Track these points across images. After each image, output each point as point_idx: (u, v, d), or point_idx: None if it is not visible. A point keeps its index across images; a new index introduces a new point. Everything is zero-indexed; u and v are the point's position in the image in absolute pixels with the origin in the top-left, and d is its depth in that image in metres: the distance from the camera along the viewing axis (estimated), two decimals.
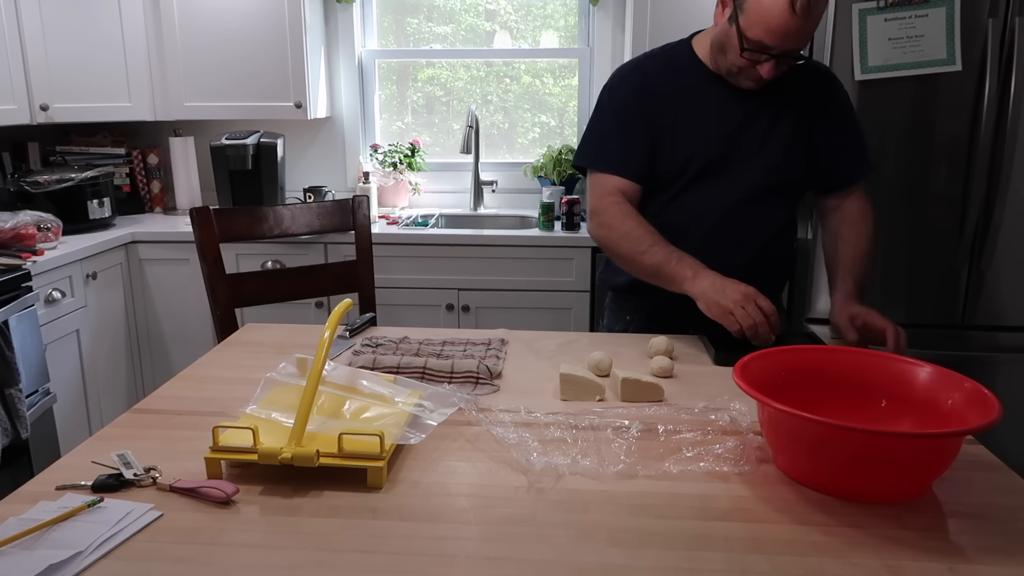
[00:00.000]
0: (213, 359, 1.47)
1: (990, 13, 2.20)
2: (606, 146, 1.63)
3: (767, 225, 1.63)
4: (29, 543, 0.84)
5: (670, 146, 1.59)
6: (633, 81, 1.63)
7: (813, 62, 1.64)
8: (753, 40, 1.42)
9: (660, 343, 1.44)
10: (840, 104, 1.64)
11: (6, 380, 2.11)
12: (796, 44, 1.42)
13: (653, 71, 1.62)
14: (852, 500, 0.95)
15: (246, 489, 0.97)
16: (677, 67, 1.61)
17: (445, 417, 1.13)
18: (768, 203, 1.61)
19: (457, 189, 3.34)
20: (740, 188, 1.58)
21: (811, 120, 1.60)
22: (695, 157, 1.58)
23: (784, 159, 1.59)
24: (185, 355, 2.90)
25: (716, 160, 1.58)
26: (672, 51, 1.65)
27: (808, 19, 1.38)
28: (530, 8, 3.30)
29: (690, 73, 1.60)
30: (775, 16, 1.37)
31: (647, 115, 1.59)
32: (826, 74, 1.65)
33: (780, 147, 1.59)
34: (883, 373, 1.11)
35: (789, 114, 1.59)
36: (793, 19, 1.37)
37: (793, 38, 1.40)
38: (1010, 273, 2.37)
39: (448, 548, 0.85)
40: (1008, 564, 0.83)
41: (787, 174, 1.61)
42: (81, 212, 2.80)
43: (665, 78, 1.61)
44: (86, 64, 2.84)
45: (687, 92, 1.59)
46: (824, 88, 1.62)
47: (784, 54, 1.44)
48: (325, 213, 2.03)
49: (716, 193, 1.59)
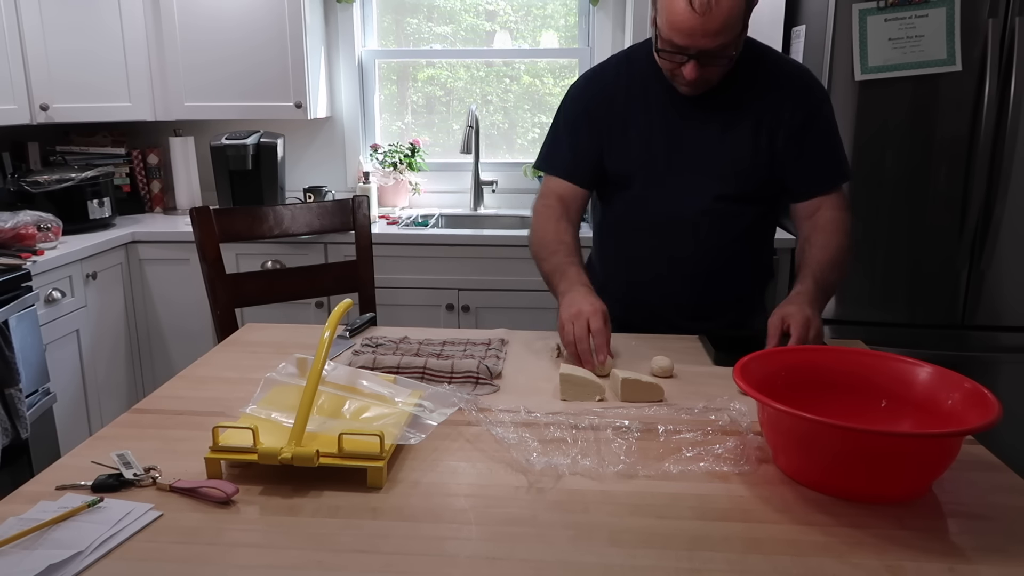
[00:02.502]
0: (213, 359, 1.47)
1: (990, 13, 2.20)
2: (554, 150, 1.67)
3: (728, 230, 1.59)
4: (29, 543, 0.84)
5: (618, 148, 1.59)
6: (588, 86, 1.64)
7: (789, 64, 1.59)
8: (665, 40, 1.41)
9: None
10: (812, 109, 1.55)
11: (6, 380, 2.11)
12: (709, 43, 1.38)
13: (608, 75, 1.62)
14: (852, 500, 0.95)
15: (246, 489, 0.97)
16: (632, 69, 1.60)
17: (445, 417, 1.13)
18: (727, 211, 1.57)
19: (457, 189, 3.34)
20: (694, 196, 1.56)
21: (773, 127, 1.54)
22: (641, 160, 1.57)
23: (740, 166, 1.55)
24: (185, 355, 2.90)
25: (663, 165, 1.56)
26: (635, 51, 1.64)
27: (709, 16, 1.34)
28: (530, 8, 3.30)
29: (643, 75, 1.58)
30: (677, 14, 1.36)
31: (596, 119, 1.59)
32: (801, 77, 1.57)
33: (736, 154, 1.54)
34: (883, 373, 1.11)
35: (745, 119, 1.53)
36: (693, 16, 1.34)
37: (699, 36, 1.37)
38: (1010, 273, 2.37)
39: (448, 548, 0.85)
40: (1008, 564, 0.83)
41: (744, 182, 1.56)
42: (81, 212, 2.80)
43: (619, 81, 1.60)
44: (86, 63, 2.84)
45: (637, 95, 1.58)
46: (794, 92, 1.55)
47: (701, 53, 1.40)
48: (325, 213, 2.03)
49: (670, 199, 1.57)
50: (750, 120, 1.54)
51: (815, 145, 1.57)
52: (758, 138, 1.54)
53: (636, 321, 1.64)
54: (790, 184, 1.60)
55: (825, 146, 1.59)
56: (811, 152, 1.57)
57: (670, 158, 1.56)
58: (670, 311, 1.65)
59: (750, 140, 1.54)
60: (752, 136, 1.54)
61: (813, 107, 1.56)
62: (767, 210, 1.64)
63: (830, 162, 1.59)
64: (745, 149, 1.54)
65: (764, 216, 1.65)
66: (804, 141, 1.55)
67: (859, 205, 2.37)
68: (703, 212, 1.56)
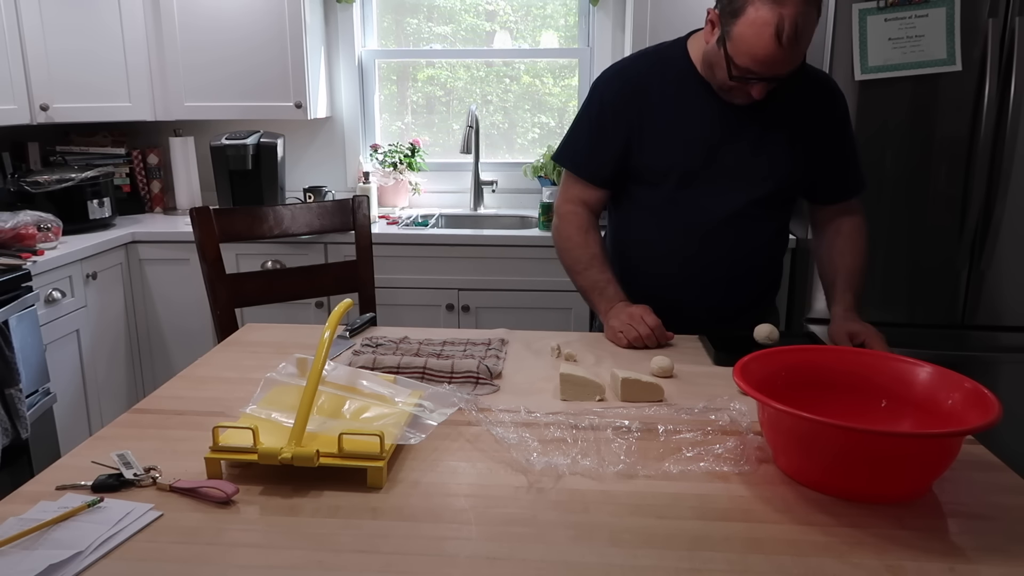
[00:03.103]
0: (213, 359, 1.47)
1: (990, 13, 2.20)
2: (578, 148, 1.67)
3: (756, 237, 1.60)
4: (29, 543, 0.84)
5: (651, 148, 1.57)
6: (618, 81, 1.61)
7: (814, 71, 1.60)
8: (741, 67, 1.40)
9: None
10: (839, 117, 1.60)
11: (6, 380, 2.11)
12: (785, 70, 1.40)
13: (643, 71, 1.60)
14: (852, 500, 0.95)
15: (246, 489, 0.97)
16: (668, 68, 1.58)
17: (445, 417, 1.13)
18: (758, 215, 1.58)
19: (457, 189, 3.34)
20: (729, 200, 1.56)
21: (808, 132, 1.56)
22: (677, 162, 1.56)
23: (776, 173, 1.55)
24: (185, 355, 2.90)
25: (700, 168, 1.55)
26: (666, 51, 1.61)
27: (795, 48, 1.35)
28: (530, 8, 3.30)
29: (681, 76, 1.56)
30: (761, 48, 1.35)
31: (625, 119, 1.57)
32: (827, 84, 1.60)
33: (772, 160, 1.55)
34: (883, 373, 1.11)
35: (783, 125, 1.54)
36: (779, 50, 1.34)
37: (781, 66, 1.38)
38: (1010, 273, 2.37)
39: (448, 548, 0.85)
40: (1008, 564, 0.83)
41: (778, 187, 1.57)
42: (81, 212, 2.80)
43: (652, 79, 1.58)
44: (86, 63, 2.84)
45: (675, 95, 1.56)
46: (823, 100, 1.58)
47: (774, 78, 1.41)
48: (325, 213, 2.03)
49: (703, 203, 1.56)
50: (786, 128, 1.55)
51: (842, 151, 1.61)
52: (795, 144, 1.55)
53: None
54: (818, 189, 1.64)
55: (850, 152, 1.63)
56: (839, 158, 1.61)
57: (707, 163, 1.55)
58: (687, 312, 1.62)
59: (787, 149, 1.55)
60: (789, 141, 1.55)
61: (840, 114, 1.60)
62: (789, 216, 1.67)
63: (855, 168, 1.64)
64: (782, 158, 1.55)
65: (786, 223, 1.67)
66: (833, 147, 1.59)
67: (863, 208, 2.37)
68: (736, 215, 1.56)
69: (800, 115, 1.55)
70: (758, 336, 1.43)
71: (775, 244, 1.67)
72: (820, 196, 1.66)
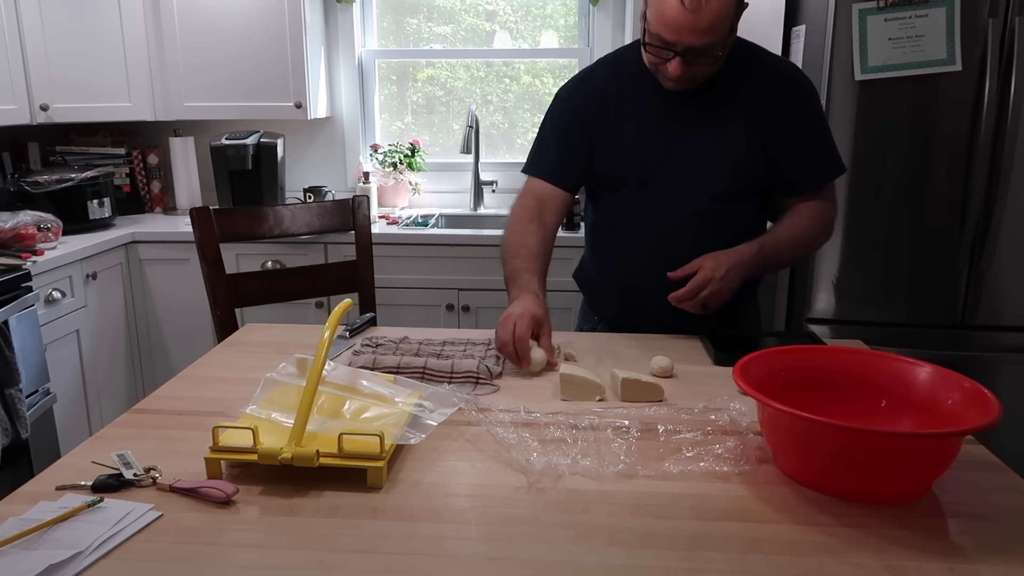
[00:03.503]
0: (213, 359, 1.47)
1: (990, 13, 2.20)
2: (541, 154, 1.67)
3: (721, 232, 1.57)
4: (29, 543, 0.84)
5: (610, 152, 1.58)
6: (577, 89, 1.64)
7: (774, 60, 1.58)
8: (654, 34, 1.41)
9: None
10: (801, 107, 1.55)
11: (6, 380, 2.11)
12: (696, 39, 1.37)
13: (598, 78, 1.62)
14: (852, 500, 0.95)
15: (246, 489, 0.97)
16: (622, 71, 1.59)
17: (445, 417, 1.13)
18: (721, 211, 1.56)
19: (457, 189, 3.34)
20: (688, 197, 1.55)
21: (766, 125, 1.53)
22: (634, 163, 1.56)
23: (734, 167, 1.54)
24: (185, 355, 2.90)
25: (656, 167, 1.55)
26: (623, 54, 1.63)
27: (699, 14, 1.34)
28: (530, 8, 3.30)
29: (634, 77, 1.56)
30: (668, 9, 1.36)
31: (584, 126, 1.59)
32: (785, 73, 1.57)
33: (730, 154, 1.53)
34: (883, 373, 1.11)
35: (738, 118, 1.53)
36: (683, 12, 1.34)
37: (688, 32, 1.36)
38: (1010, 273, 2.37)
39: (448, 548, 0.85)
40: (1008, 564, 0.83)
41: (738, 180, 1.55)
42: (81, 212, 2.80)
43: (608, 85, 1.59)
44: (86, 63, 2.84)
45: (627, 97, 1.56)
46: (780, 89, 1.55)
47: (688, 50, 1.40)
48: (325, 213, 2.03)
49: (664, 202, 1.56)
50: (742, 119, 1.53)
51: (808, 142, 1.57)
52: (751, 137, 1.53)
53: (630, 321, 1.64)
54: (785, 182, 1.60)
55: (817, 142, 1.59)
56: (805, 149, 1.57)
57: (664, 158, 1.55)
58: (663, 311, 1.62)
59: (743, 139, 1.53)
60: (745, 135, 1.53)
61: (804, 104, 1.56)
62: (759, 208, 1.64)
63: (823, 158, 1.60)
64: (739, 148, 1.54)
65: (756, 214, 1.64)
66: (797, 139, 1.55)
67: (859, 205, 2.37)
68: (698, 212, 1.56)
69: (755, 106, 1.53)
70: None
71: (745, 237, 1.61)
72: (787, 187, 1.62)
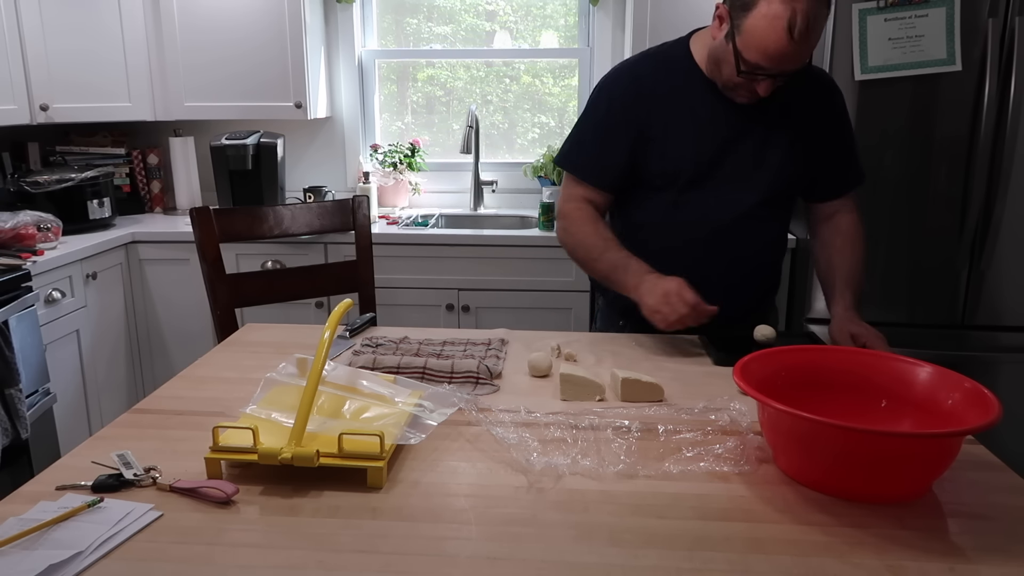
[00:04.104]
0: (213, 359, 1.47)
1: (990, 13, 2.20)
2: (583, 151, 1.63)
3: (761, 237, 1.60)
4: (29, 543, 0.84)
5: (660, 150, 1.55)
6: (624, 83, 1.59)
7: (815, 69, 1.59)
8: (750, 63, 1.39)
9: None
10: (838, 112, 1.60)
11: (6, 380, 2.11)
12: (794, 66, 1.39)
13: (647, 72, 1.58)
14: (852, 500, 0.95)
15: (246, 489, 0.97)
16: (672, 69, 1.57)
17: (445, 417, 1.13)
18: (763, 216, 1.57)
19: (457, 189, 3.34)
20: (735, 201, 1.55)
21: (809, 130, 1.56)
22: (685, 164, 1.55)
23: (780, 172, 1.55)
24: (185, 355, 2.90)
25: (707, 169, 1.54)
26: (669, 51, 1.60)
27: (806, 43, 1.35)
28: (530, 8, 3.30)
29: (685, 76, 1.55)
30: (773, 42, 1.34)
31: (634, 120, 1.56)
32: (824, 81, 1.60)
33: (777, 159, 1.55)
34: (883, 373, 1.11)
35: (786, 124, 1.54)
36: (791, 45, 1.34)
37: (791, 61, 1.37)
38: (1010, 273, 2.37)
39: (448, 548, 0.85)
40: (1008, 564, 0.83)
41: (784, 187, 1.57)
42: (81, 212, 2.80)
43: (658, 80, 1.56)
44: (86, 63, 2.84)
45: (680, 96, 1.55)
46: (823, 96, 1.58)
47: (782, 74, 1.41)
48: (325, 213, 2.03)
49: (711, 204, 1.55)
50: (788, 126, 1.55)
51: (840, 146, 1.61)
52: (796, 143, 1.55)
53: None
54: (817, 186, 1.63)
55: (848, 147, 1.63)
56: (837, 154, 1.61)
57: (716, 161, 1.54)
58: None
59: (789, 145, 1.55)
60: (791, 141, 1.55)
61: (838, 109, 1.60)
62: (791, 213, 1.66)
63: (852, 163, 1.64)
64: (785, 153, 1.55)
65: (787, 220, 1.67)
66: (831, 143, 1.59)
67: (859, 205, 2.37)
68: (744, 215, 1.56)
69: (800, 112, 1.55)
70: (757, 336, 1.45)
71: (777, 244, 1.67)
72: (819, 192, 1.66)
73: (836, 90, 1.61)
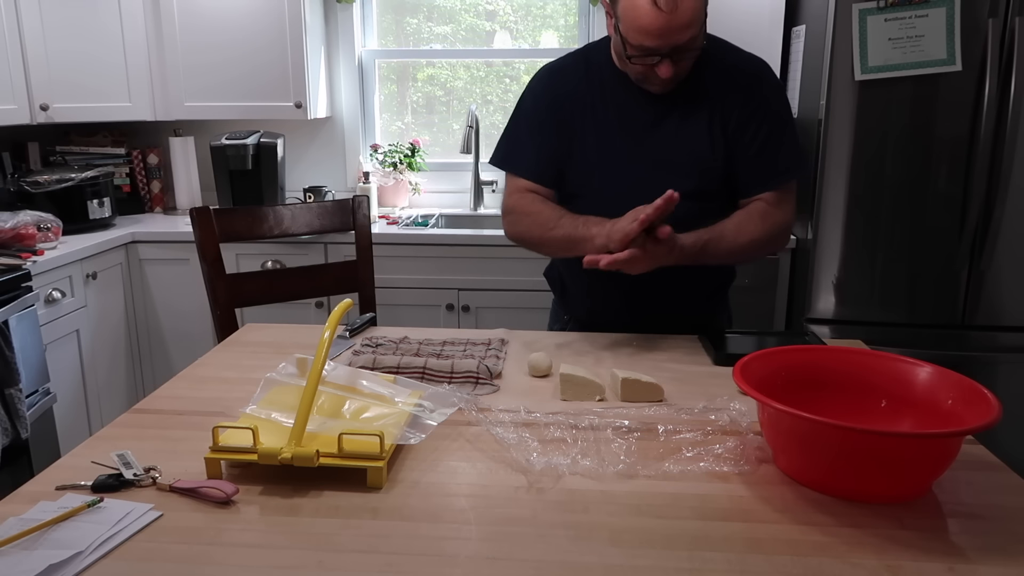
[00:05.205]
0: (213, 359, 1.47)
1: (990, 13, 2.20)
2: (517, 149, 1.61)
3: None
4: (29, 543, 0.84)
5: (580, 149, 1.55)
6: (547, 83, 1.59)
7: (741, 57, 1.54)
8: (635, 45, 1.38)
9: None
10: (759, 102, 1.50)
11: (6, 380, 2.11)
12: (680, 37, 1.35)
13: (569, 72, 1.58)
14: (852, 500, 0.95)
15: (246, 489, 0.97)
16: (591, 68, 1.56)
17: (445, 417, 1.13)
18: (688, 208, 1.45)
19: (457, 189, 3.34)
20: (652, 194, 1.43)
21: (724, 120, 1.50)
22: (602, 159, 1.53)
23: (697, 163, 1.50)
24: (185, 355, 2.90)
25: (625, 163, 1.52)
26: (591, 50, 1.60)
27: (676, 13, 1.32)
28: (530, 8, 3.30)
29: (601, 74, 1.54)
30: (643, 16, 1.33)
31: (558, 120, 1.55)
32: (752, 70, 1.52)
33: (691, 151, 1.50)
34: (883, 373, 1.11)
35: (701, 114, 1.49)
36: (662, 16, 1.32)
37: (671, 33, 1.34)
38: (1010, 273, 2.37)
39: (448, 548, 0.85)
40: (1008, 564, 0.83)
41: (703, 178, 1.51)
42: (81, 212, 2.80)
43: (578, 80, 1.55)
44: (86, 63, 2.84)
45: (595, 95, 1.54)
46: (745, 84, 1.50)
47: (675, 50, 1.37)
48: (325, 213, 2.03)
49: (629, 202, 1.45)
50: (704, 113, 1.50)
51: (762, 140, 1.50)
52: (712, 132, 1.50)
53: (601, 322, 1.63)
54: (739, 180, 1.53)
55: (771, 141, 1.51)
56: (757, 147, 1.50)
57: (630, 156, 1.52)
58: (634, 310, 1.60)
59: (706, 134, 1.50)
60: (707, 130, 1.50)
61: (761, 99, 1.51)
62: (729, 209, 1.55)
63: (775, 159, 1.52)
64: (702, 143, 1.50)
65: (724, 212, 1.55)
66: (751, 135, 1.50)
67: (859, 205, 2.38)
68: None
69: (717, 99, 1.49)
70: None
71: None
72: (741, 185, 1.54)
73: (765, 77, 1.53)
